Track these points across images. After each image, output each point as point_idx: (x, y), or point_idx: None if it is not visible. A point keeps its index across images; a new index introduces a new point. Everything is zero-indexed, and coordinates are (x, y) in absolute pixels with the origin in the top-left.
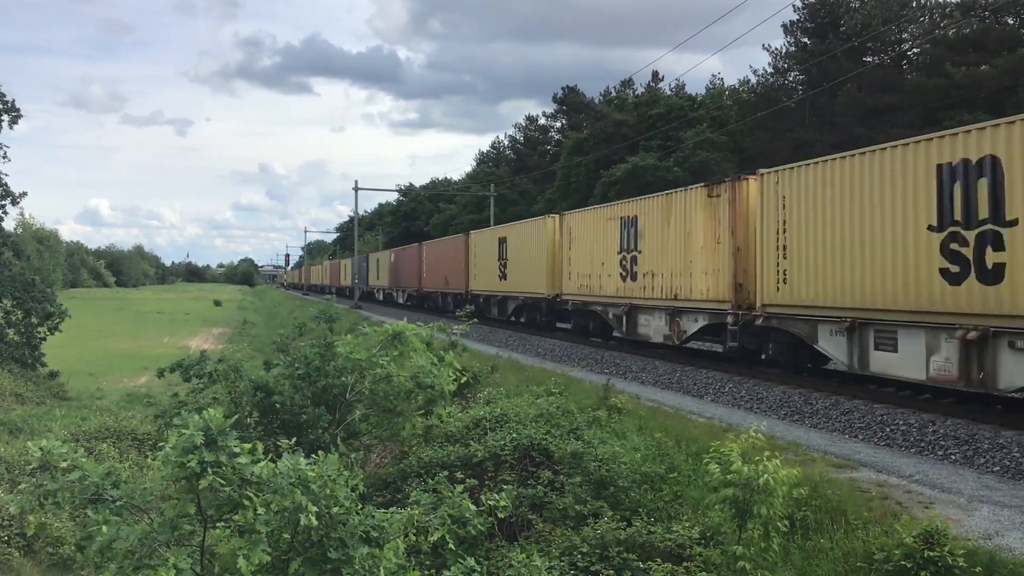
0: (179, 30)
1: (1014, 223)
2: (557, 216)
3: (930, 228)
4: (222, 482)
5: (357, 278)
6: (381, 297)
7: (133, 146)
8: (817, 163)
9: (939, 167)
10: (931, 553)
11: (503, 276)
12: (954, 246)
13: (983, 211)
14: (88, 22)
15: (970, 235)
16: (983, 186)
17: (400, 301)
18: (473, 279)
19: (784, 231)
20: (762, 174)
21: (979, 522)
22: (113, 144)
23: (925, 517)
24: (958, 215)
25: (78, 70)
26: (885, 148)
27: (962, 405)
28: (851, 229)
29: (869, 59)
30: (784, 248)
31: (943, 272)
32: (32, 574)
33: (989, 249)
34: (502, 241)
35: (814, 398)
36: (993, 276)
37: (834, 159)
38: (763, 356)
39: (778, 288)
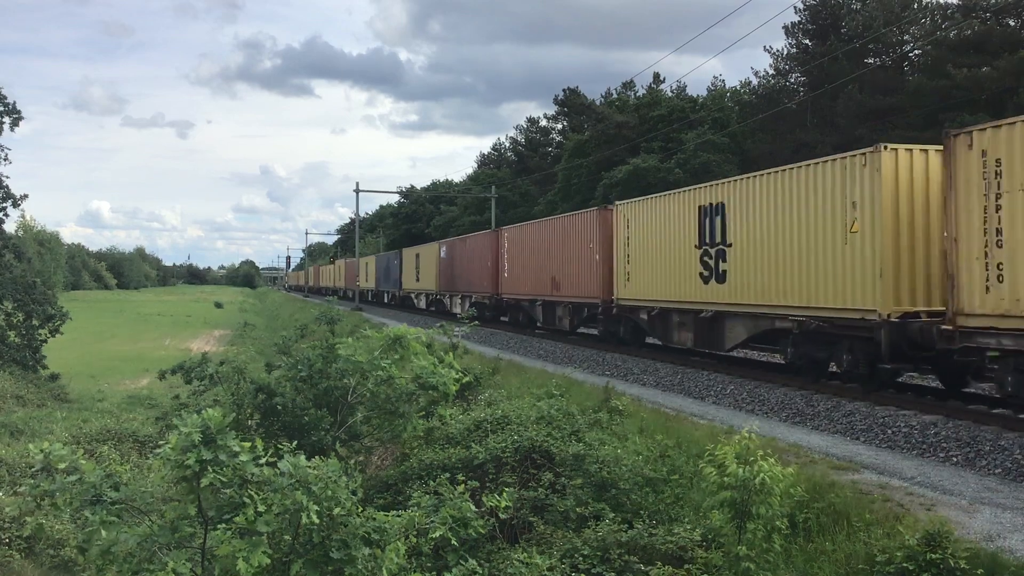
0: (179, 32)
1: None
2: (920, 148)
3: None
4: (223, 480)
5: (384, 279)
6: (424, 304)
7: (134, 148)
8: None
9: None
10: (933, 555)
11: (714, 276)
12: None
13: None
14: (87, 24)
15: None
16: None
17: (457, 312)
18: (624, 281)
19: None
20: None
21: (981, 524)
22: (114, 146)
23: (927, 519)
24: None
25: (78, 72)
26: None
27: (964, 407)
28: None
29: (870, 61)
30: None
31: None
32: None
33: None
34: (711, 212)
35: (815, 400)
36: None
37: None
38: None
39: None
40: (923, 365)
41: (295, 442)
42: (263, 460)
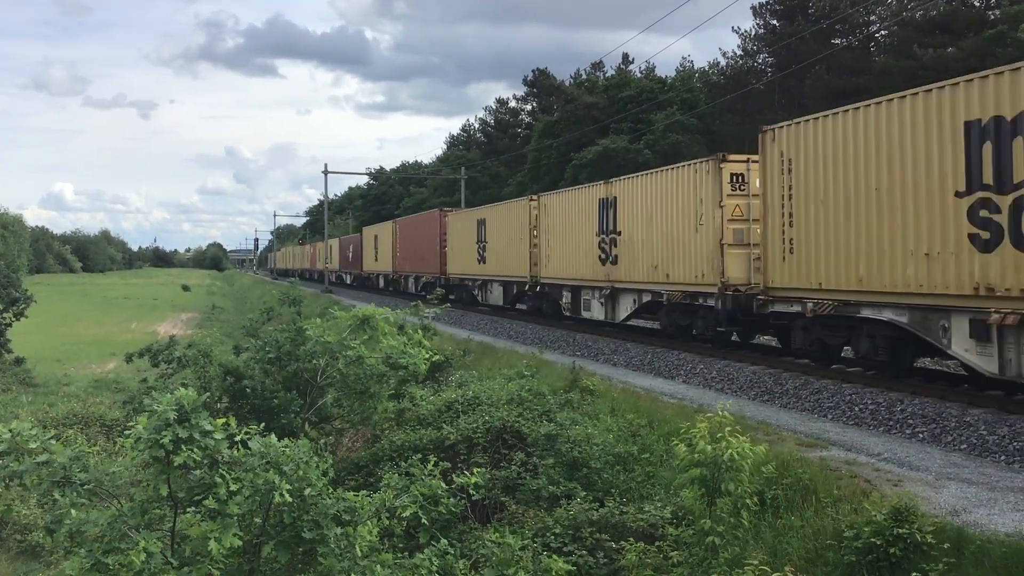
0: (139, 11)
1: None
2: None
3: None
4: (196, 458)
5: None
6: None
7: (97, 129)
8: None
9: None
10: (900, 530)
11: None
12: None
13: None
14: (45, 3)
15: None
16: None
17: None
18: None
19: None
20: None
21: (947, 499)
22: (76, 127)
23: (894, 494)
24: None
25: (38, 52)
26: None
27: (930, 384)
28: None
29: (837, 41)
30: None
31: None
32: (0, 562)
33: None
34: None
35: (784, 378)
36: None
37: None
38: None
39: None
40: None
41: (263, 424)
42: (237, 438)
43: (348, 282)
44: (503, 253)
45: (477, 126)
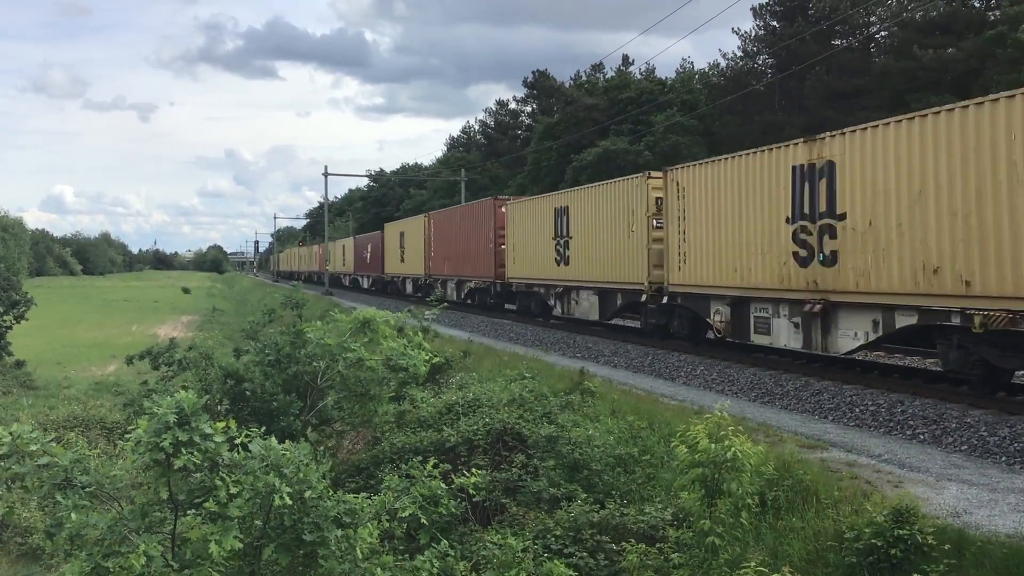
0: (138, 14)
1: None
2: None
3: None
4: (196, 461)
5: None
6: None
7: (96, 132)
8: None
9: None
10: (901, 531)
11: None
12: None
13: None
14: (45, 5)
15: None
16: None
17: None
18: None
19: None
20: None
21: (948, 500)
22: (76, 130)
23: (895, 496)
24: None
25: (38, 54)
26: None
27: (930, 385)
28: None
29: (837, 42)
30: None
31: None
32: (0, 565)
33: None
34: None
35: (784, 380)
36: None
37: None
38: None
39: None
40: None
41: (263, 427)
42: (237, 441)
43: (365, 286)
44: (599, 251)
45: (477, 128)
